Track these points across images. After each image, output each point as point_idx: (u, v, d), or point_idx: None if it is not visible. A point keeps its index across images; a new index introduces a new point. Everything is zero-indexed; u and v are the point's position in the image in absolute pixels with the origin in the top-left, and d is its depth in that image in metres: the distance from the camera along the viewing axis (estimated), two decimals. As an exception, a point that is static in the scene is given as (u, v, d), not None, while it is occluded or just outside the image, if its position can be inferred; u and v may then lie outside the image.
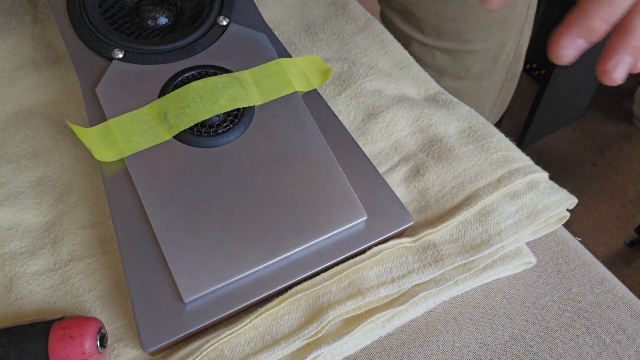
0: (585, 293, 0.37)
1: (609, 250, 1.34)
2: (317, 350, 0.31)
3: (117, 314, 0.34)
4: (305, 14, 0.51)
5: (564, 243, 0.39)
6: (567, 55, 0.29)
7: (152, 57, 0.40)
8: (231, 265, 0.32)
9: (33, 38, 0.47)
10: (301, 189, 0.35)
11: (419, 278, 0.34)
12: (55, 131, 0.41)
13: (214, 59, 0.41)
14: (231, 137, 0.37)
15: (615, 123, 1.57)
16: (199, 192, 0.35)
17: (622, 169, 1.48)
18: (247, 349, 0.31)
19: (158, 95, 0.38)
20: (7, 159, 0.40)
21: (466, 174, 0.40)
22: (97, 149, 0.36)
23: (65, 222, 0.37)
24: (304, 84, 0.41)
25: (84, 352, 0.30)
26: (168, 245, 0.33)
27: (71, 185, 0.39)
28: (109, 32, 0.41)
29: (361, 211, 0.35)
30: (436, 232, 0.36)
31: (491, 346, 0.34)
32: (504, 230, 0.36)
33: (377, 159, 0.41)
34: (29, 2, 0.49)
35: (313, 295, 0.33)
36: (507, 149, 0.41)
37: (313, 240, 0.34)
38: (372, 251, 0.35)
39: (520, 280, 0.37)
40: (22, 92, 0.43)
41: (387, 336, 0.34)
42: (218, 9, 0.43)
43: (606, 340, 0.35)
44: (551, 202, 0.37)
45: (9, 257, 0.35)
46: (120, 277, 0.35)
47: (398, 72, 0.47)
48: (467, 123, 0.43)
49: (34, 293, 0.34)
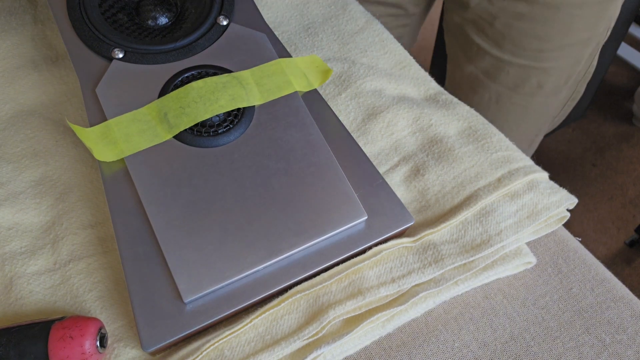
0: (585, 293, 0.37)
1: (609, 250, 1.34)
2: (317, 350, 0.31)
3: (117, 314, 0.34)
4: (305, 14, 0.51)
5: (564, 243, 0.39)
6: None
7: (152, 57, 0.40)
8: (231, 265, 0.32)
9: (33, 38, 0.47)
10: (301, 189, 0.35)
11: (419, 278, 0.34)
12: (55, 131, 0.41)
13: (214, 59, 0.41)
14: (231, 137, 0.37)
15: (615, 123, 1.57)
16: (199, 192, 0.35)
17: (622, 169, 1.48)
18: (247, 349, 0.31)
19: (158, 95, 0.38)
20: (7, 159, 0.40)
21: (466, 174, 0.40)
22: (97, 149, 0.36)
23: (65, 222, 0.37)
24: (304, 84, 0.41)
25: (84, 352, 0.30)
26: (168, 245, 0.33)
27: (71, 185, 0.39)
28: (109, 32, 0.41)
29: (361, 211, 0.35)
30: (436, 232, 0.36)
31: (491, 346, 0.34)
32: (504, 230, 0.36)
33: (377, 159, 0.41)
34: (29, 2, 0.49)
35: (313, 295, 0.33)
36: (507, 149, 0.41)
37: (313, 240, 0.34)
38: (372, 251, 0.35)
39: (520, 280, 0.37)
40: (22, 92, 0.43)
41: (387, 336, 0.34)
42: (218, 9, 0.43)
43: (606, 340, 0.35)
44: (551, 202, 0.37)
45: (9, 257, 0.35)
46: (120, 277, 0.35)
47: (398, 72, 0.47)
48: (467, 123, 0.43)
49: (34, 293, 0.34)
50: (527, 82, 0.70)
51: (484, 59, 0.70)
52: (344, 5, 0.52)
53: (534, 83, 0.70)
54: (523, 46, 0.66)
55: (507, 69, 0.69)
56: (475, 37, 0.69)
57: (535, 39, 0.65)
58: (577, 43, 0.66)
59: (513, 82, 0.70)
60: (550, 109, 0.75)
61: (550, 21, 0.63)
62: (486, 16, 0.66)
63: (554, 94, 0.72)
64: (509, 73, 0.69)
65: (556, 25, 0.63)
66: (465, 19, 0.69)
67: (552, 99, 0.73)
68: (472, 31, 0.69)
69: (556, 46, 0.65)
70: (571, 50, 0.67)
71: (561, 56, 0.67)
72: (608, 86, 1.63)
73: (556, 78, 0.70)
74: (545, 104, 0.74)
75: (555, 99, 0.74)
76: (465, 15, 0.69)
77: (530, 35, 0.65)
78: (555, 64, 0.68)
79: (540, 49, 0.66)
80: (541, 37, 0.64)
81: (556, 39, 0.65)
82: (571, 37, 0.65)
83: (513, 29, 0.65)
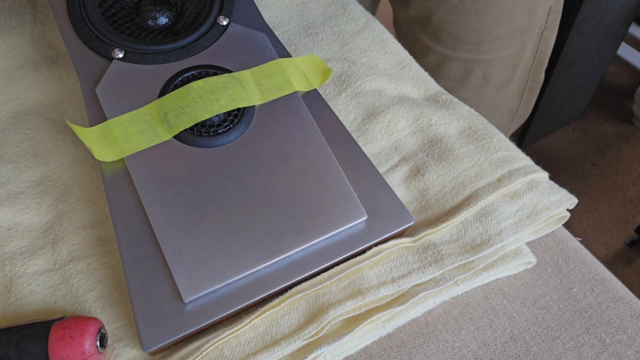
0: (585, 293, 0.37)
1: (609, 250, 1.34)
2: (317, 350, 0.31)
3: (117, 314, 0.34)
4: (305, 14, 0.51)
5: (564, 243, 0.39)
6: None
7: (152, 57, 0.40)
8: (231, 265, 0.32)
9: (33, 38, 0.47)
10: (301, 189, 0.35)
11: (419, 278, 0.34)
12: (55, 131, 0.41)
13: (214, 59, 0.41)
14: (231, 137, 0.37)
15: (615, 123, 1.57)
16: (199, 192, 0.35)
17: (622, 169, 1.48)
18: (247, 349, 0.31)
19: (158, 95, 0.38)
20: (7, 159, 0.40)
21: (466, 174, 0.40)
22: (97, 149, 0.36)
23: (65, 222, 0.37)
24: (304, 84, 0.41)
25: (84, 352, 0.30)
26: (168, 245, 0.33)
27: (71, 185, 0.39)
28: (109, 32, 0.41)
29: (361, 211, 0.35)
30: (436, 232, 0.36)
31: (491, 346, 0.34)
32: (504, 230, 0.36)
33: (377, 159, 0.41)
34: (29, 2, 0.49)
35: (313, 295, 0.33)
36: (507, 149, 0.41)
37: (313, 240, 0.34)
38: (372, 251, 0.35)
39: (520, 280, 0.37)
40: (22, 92, 0.43)
41: (387, 336, 0.34)
42: (218, 9, 0.43)
43: (606, 340, 0.35)
44: (551, 202, 0.37)
45: (9, 257, 0.35)
46: (120, 277, 0.35)
47: (398, 72, 0.47)
48: (467, 123, 0.43)
49: (34, 293, 0.34)
50: (471, 76, 0.69)
51: (428, 55, 0.70)
52: (344, 5, 0.52)
53: (478, 75, 0.69)
54: (461, 40, 0.66)
55: (449, 64, 0.69)
56: (419, 34, 0.69)
57: (471, 32, 0.64)
58: (516, 31, 0.65)
59: (458, 76, 0.70)
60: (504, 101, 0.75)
61: (482, 12, 0.63)
62: (425, 12, 0.66)
63: (504, 85, 0.72)
64: (452, 68, 0.69)
65: (489, 15, 0.63)
66: (408, 16, 0.70)
67: (504, 91, 0.73)
68: (416, 28, 0.69)
69: (493, 37, 0.65)
70: (511, 39, 0.66)
71: (501, 46, 0.66)
72: (608, 86, 1.63)
73: (501, 69, 0.69)
74: (497, 97, 0.73)
75: (507, 90, 0.73)
76: (408, 13, 0.69)
77: (467, 29, 0.64)
78: (497, 55, 0.67)
79: (478, 41, 0.65)
80: (476, 29, 0.64)
81: (492, 29, 0.64)
82: (507, 26, 0.64)
83: (449, 23, 0.65)
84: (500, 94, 0.73)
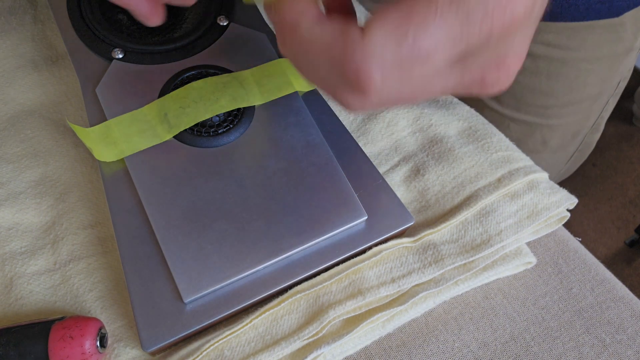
0: (585, 293, 0.37)
1: (609, 250, 1.34)
2: (317, 350, 0.31)
3: (117, 314, 0.34)
4: (305, 14, 0.51)
5: (564, 243, 0.39)
6: None
7: (152, 57, 0.40)
8: (231, 266, 0.32)
9: (33, 38, 0.47)
10: (301, 189, 0.35)
11: (419, 278, 0.34)
12: (55, 131, 0.41)
13: (214, 59, 0.41)
14: (231, 137, 0.37)
15: (615, 123, 1.57)
16: (199, 192, 0.35)
17: (622, 169, 1.48)
18: (247, 349, 0.31)
19: (158, 95, 0.38)
20: (7, 159, 0.40)
21: (466, 174, 0.40)
22: (97, 149, 0.36)
23: (65, 222, 0.37)
24: (305, 84, 0.41)
25: (84, 352, 0.30)
26: (168, 245, 0.33)
27: (71, 185, 0.39)
28: (109, 32, 0.41)
29: (361, 211, 0.35)
30: (436, 232, 0.36)
31: (491, 346, 0.34)
32: (504, 230, 0.36)
33: (377, 159, 0.41)
34: (29, 2, 0.49)
35: (313, 295, 0.33)
36: (507, 149, 0.41)
37: (313, 240, 0.34)
38: (372, 251, 0.35)
39: (520, 280, 0.37)
40: (22, 92, 0.43)
41: (387, 336, 0.34)
42: (218, 8, 0.43)
43: (606, 340, 0.35)
44: (551, 202, 0.37)
45: (9, 257, 0.35)
46: (120, 277, 0.35)
47: (398, 72, 0.47)
48: (467, 123, 0.43)
49: (34, 293, 0.34)
50: (530, 139, 0.65)
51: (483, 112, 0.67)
52: (344, 5, 0.52)
53: (538, 140, 0.65)
54: (526, 101, 0.62)
55: (507, 123, 0.65)
56: None
57: (540, 94, 0.60)
58: (587, 99, 0.61)
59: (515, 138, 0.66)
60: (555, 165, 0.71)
61: (555, 76, 0.58)
62: None
63: (560, 150, 0.68)
64: (510, 127, 0.65)
65: (562, 80, 0.59)
66: None
67: (559, 155, 0.69)
68: None
69: (563, 103, 0.61)
70: (579, 107, 0.62)
71: (568, 112, 0.62)
72: (608, 86, 1.63)
73: (562, 134, 0.65)
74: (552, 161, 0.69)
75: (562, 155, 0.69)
76: None
77: (535, 91, 0.60)
78: (562, 121, 0.63)
79: (546, 105, 0.61)
80: (547, 92, 0.60)
81: (563, 95, 0.60)
82: (579, 93, 0.60)
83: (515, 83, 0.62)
84: (555, 158, 0.69)
